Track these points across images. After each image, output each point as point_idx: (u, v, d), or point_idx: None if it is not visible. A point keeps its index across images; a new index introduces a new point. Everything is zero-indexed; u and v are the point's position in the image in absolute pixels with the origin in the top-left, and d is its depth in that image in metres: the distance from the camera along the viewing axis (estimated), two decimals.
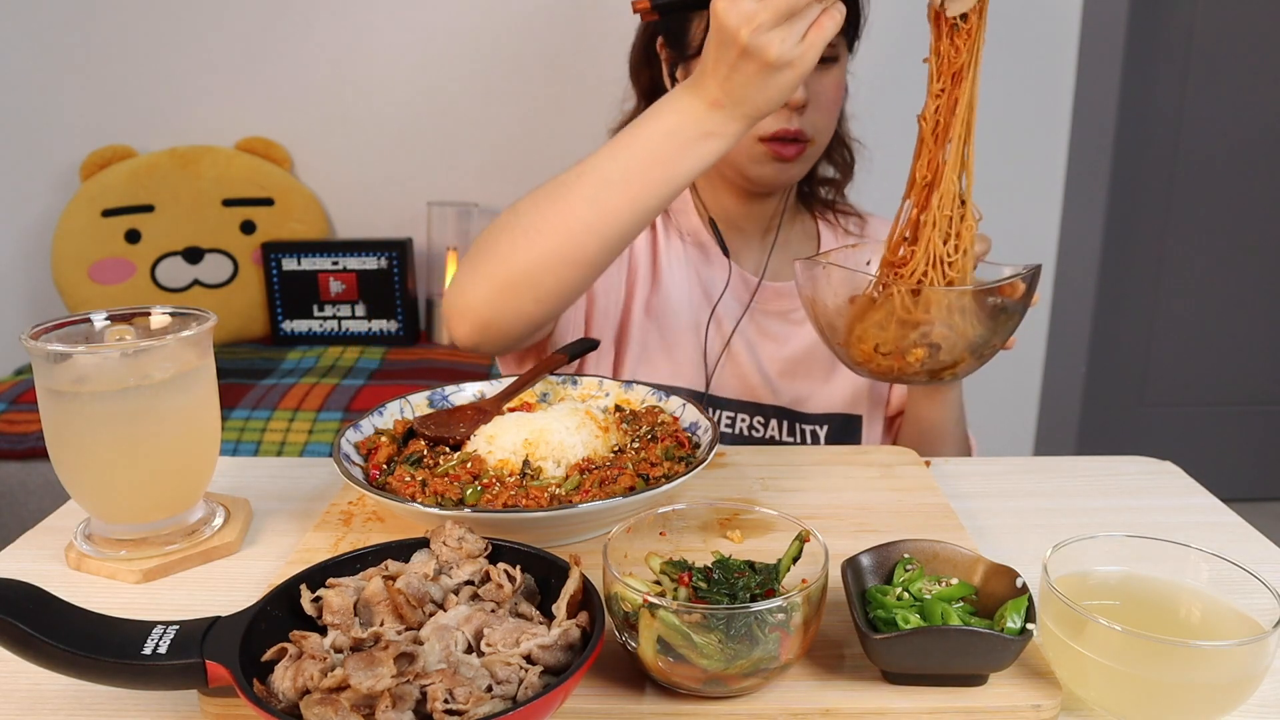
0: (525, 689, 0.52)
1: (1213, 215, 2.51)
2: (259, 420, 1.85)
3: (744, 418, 1.17)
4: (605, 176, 0.83)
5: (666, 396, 0.91)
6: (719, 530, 0.71)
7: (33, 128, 2.30)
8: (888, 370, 0.84)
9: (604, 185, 0.83)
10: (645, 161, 0.82)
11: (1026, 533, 0.82)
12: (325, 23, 2.25)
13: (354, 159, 2.33)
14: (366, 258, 2.26)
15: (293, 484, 0.91)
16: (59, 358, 0.71)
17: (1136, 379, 2.66)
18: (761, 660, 0.55)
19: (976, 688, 0.58)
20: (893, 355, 0.82)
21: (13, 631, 0.52)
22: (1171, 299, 2.58)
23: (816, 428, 1.18)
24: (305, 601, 0.57)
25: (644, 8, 0.81)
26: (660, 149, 0.81)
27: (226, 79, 2.28)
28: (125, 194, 2.22)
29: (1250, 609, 0.58)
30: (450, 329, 0.92)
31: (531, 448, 0.80)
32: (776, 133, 1.06)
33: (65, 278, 2.22)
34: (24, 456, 1.82)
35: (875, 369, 0.84)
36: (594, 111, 2.26)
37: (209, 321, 0.76)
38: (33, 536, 0.81)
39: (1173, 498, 0.90)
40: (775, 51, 0.75)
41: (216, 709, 0.56)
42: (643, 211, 0.84)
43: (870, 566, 0.65)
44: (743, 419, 1.17)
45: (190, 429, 0.75)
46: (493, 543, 0.63)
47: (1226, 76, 2.40)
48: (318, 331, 2.30)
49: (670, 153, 0.81)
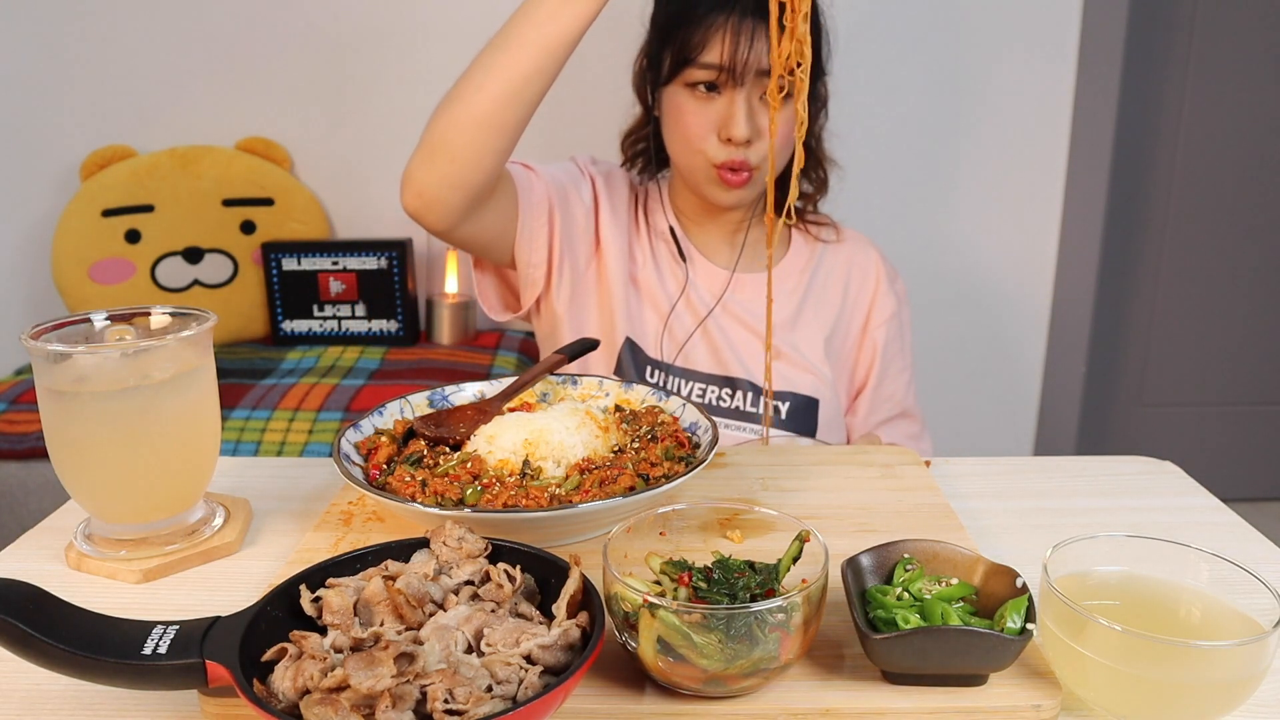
0: (525, 689, 0.52)
1: (1213, 215, 2.51)
2: (259, 420, 1.85)
3: (714, 389, 1.25)
4: (493, 43, 0.98)
5: (667, 396, 0.91)
6: (719, 530, 0.71)
7: (33, 128, 2.30)
8: None
9: (492, 50, 0.97)
10: (521, 25, 0.96)
11: (1026, 533, 0.82)
12: (325, 23, 2.25)
13: (354, 159, 2.33)
14: (366, 258, 2.26)
15: (293, 484, 0.91)
16: (59, 358, 0.71)
17: (1136, 379, 2.66)
18: (761, 660, 0.55)
19: (976, 688, 0.58)
20: None
21: (13, 631, 0.52)
22: (1171, 299, 2.58)
23: (779, 403, 1.25)
24: (305, 601, 0.57)
25: None
26: (533, 13, 0.95)
27: (226, 79, 2.28)
28: (125, 194, 2.22)
29: (1250, 609, 0.58)
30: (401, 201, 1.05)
31: (531, 448, 0.80)
32: (724, 162, 1.16)
33: (65, 278, 2.22)
34: (24, 456, 1.81)
35: None
36: (594, 111, 2.27)
37: (209, 321, 0.76)
38: (33, 536, 0.81)
39: (1173, 498, 0.90)
40: None
41: (216, 709, 0.56)
42: (526, 71, 0.96)
43: (870, 566, 0.65)
44: (713, 390, 1.25)
45: (190, 429, 0.75)
46: (493, 543, 0.63)
47: (1226, 76, 2.40)
48: (318, 331, 2.30)
49: (544, 14, 0.95)
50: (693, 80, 1.14)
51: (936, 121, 2.29)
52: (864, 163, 2.28)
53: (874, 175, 2.30)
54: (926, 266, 2.34)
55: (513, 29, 0.96)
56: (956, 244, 2.38)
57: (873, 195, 2.30)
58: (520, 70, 0.96)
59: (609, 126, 1.33)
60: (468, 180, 1.01)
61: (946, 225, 2.37)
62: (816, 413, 1.26)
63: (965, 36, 2.24)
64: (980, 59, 2.25)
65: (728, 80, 1.12)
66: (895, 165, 2.32)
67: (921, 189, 2.35)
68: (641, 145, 1.30)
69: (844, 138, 1.37)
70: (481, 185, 1.03)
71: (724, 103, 1.14)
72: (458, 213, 1.04)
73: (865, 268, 1.33)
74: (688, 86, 1.15)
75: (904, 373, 1.34)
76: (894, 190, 2.33)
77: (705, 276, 1.28)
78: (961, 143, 2.31)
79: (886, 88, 2.27)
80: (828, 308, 1.30)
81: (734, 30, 1.10)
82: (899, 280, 1.37)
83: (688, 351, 1.25)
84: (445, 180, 1.01)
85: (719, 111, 1.14)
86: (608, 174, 1.30)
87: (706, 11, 1.12)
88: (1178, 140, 2.45)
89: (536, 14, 0.95)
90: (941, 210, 2.35)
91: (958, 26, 2.23)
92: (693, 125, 1.16)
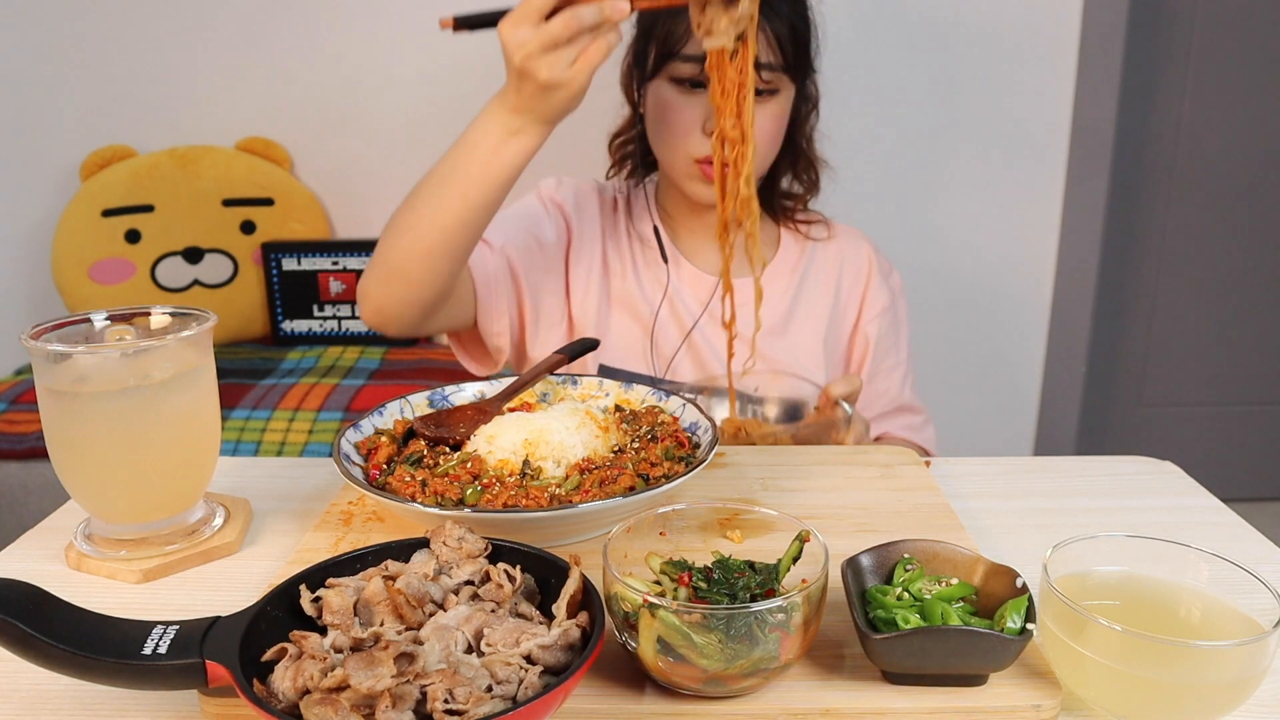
0: (525, 689, 0.52)
1: (1212, 215, 2.51)
2: (259, 420, 1.85)
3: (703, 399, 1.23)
4: (439, 176, 0.97)
5: (667, 396, 0.91)
6: (719, 530, 0.71)
7: (33, 128, 2.30)
8: None
9: (439, 183, 0.97)
10: (466, 159, 0.95)
11: (1026, 533, 0.82)
12: (325, 23, 2.25)
13: (354, 159, 2.33)
14: (366, 258, 2.25)
15: (293, 484, 0.91)
16: (59, 358, 0.71)
17: (1136, 379, 2.66)
18: (761, 660, 0.55)
19: (976, 688, 0.58)
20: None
21: (13, 631, 0.52)
22: (1171, 299, 2.58)
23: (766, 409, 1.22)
24: (305, 601, 0.57)
25: (448, 25, 0.93)
26: (477, 148, 0.95)
27: (226, 79, 2.28)
28: (125, 194, 2.22)
29: (1250, 609, 0.58)
30: (360, 314, 1.08)
31: (531, 448, 0.80)
32: (705, 157, 1.14)
33: (65, 278, 2.22)
34: (24, 456, 1.81)
35: None
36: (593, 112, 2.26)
37: (209, 321, 0.76)
38: (33, 536, 0.81)
39: (1173, 498, 0.90)
40: (545, 75, 0.87)
41: (216, 709, 0.56)
42: (473, 205, 0.96)
43: (870, 566, 0.65)
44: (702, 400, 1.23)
45: (190, 429, 0.75)
46: (493, 543, 0.63)
47: (1226, 77, 2.40)
48: (318, 331, 2.30)
49: (486, 151, 0.94)
50: (677, 75, 1.13)
51: (937, 121, 2.29)
52: (864, 162, 2.28)
53: (874, 175, 2.30)
54: (926, 267, 2.34)
55: (459, 164, 0.96)
56: (957, 244, 2.38)
57: (873, 195, 2.30)
58: (469, 204, 0.97)
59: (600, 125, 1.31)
60: (424, 299, 1.03)
61: (946, 225, 2.37)
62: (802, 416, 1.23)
63: (965, 36, 2.24)
64: (980, 59, 2.25)
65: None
66: (895, 165, 2.32)
67: (921, 189, 2.35)
68: (630, 147, 1.29)
69: (846, 138, 1.37)
70: (437, 300, 1.05)
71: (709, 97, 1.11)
72: (417, 322, 1.07)
73: (857, 263, 1.32)
74: (672, 81, 1.14)
75: (899, 368, 1.32)
76: (894, 190, 2.33)
77: (691, 282, 1.26)
78: (961, 143, 2.31)
79: (886, 87, 2.27)
80: (820, 307, 1.29)
81: None
82: (894, 274, 1.35)
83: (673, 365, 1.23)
84: (402, 301, 1.03)
85: (704, 106, 1.12)
86: (575, 195, 1.28)
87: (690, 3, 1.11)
88: (1178, 140, 2.45)
89: (479, 150, 0.95)
90: (942, 210, 2.35)
91: (958, 26, 2.23)
92: (676, 120, 1.14)
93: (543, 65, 0.87)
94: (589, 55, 0.88)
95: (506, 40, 0.88)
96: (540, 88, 0.89)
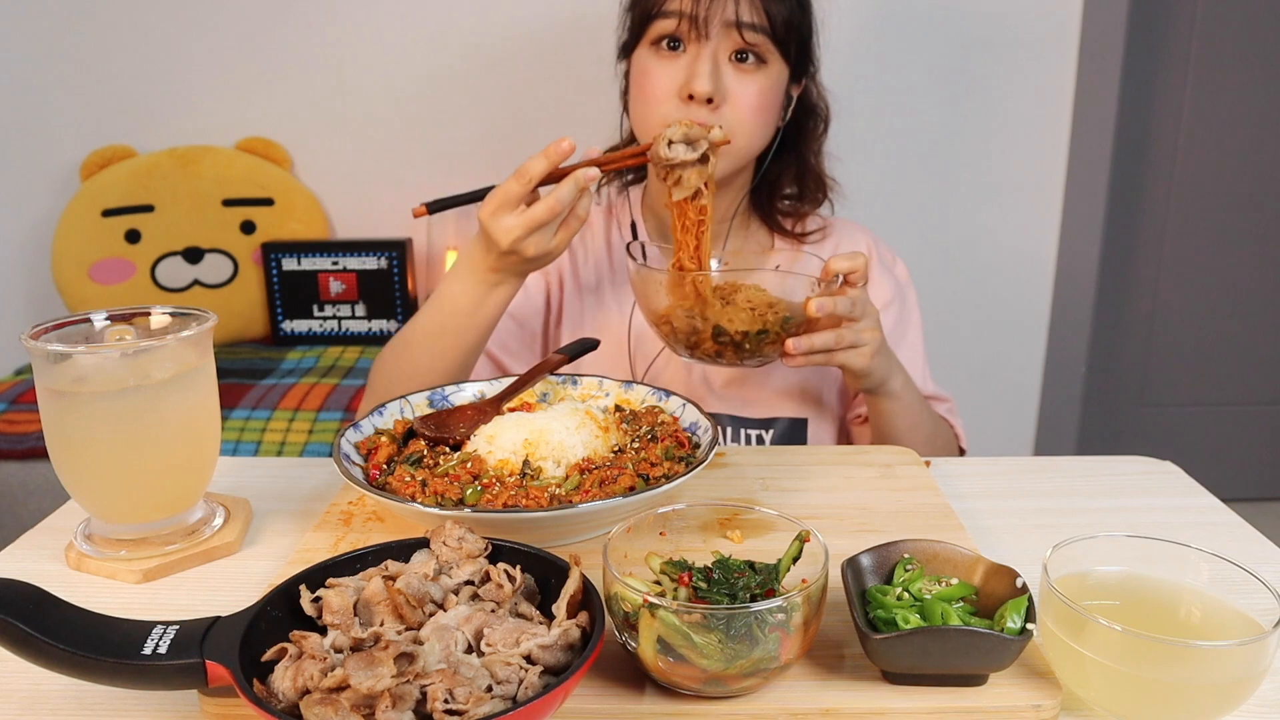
0: (525, 689, 0.52)
1: (1213, 215, 2.51)
2: (259, 420, 1.85)
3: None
4: (428, 330, 1.04)
5: (667, 397, 0.91)
6: (719, 530, 0.71)
7: (33, 128, 2.30)
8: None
9: (430, 337, 1.04)
10: (453, 313, 1.02)
11: (1026, 533, 0.82)
12: (325, 23, 2.25)
13: (354, 159, 2.33)
14: (366, 258, 2.26)
15: (293, 484, 0.91)
16: (59, 358, 0.71)
17: (1136, 379, 2.66)
18: (761, 660, 0.55)
19: (976, 688, 0.58)
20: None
21: (13, 631, 0.52)
22: (1171, 299, 2.58)
23: (762, 432, 1.18)
24: (305, 601, 0.57)
25: (421, 213, 0.98)
26: (460, 303, 1.01)
27: (226, 79, 2.28)
28: (125, 194, 2.22)
29: (1250, 609, 0.58)
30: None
31: (531, 448, 0.80)
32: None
33: (65, 278, 2.22)
34: (24, 456, 1.81)
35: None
36: (593, 113, 2.26)
37: (209, 321, 0.76)
38: (33, 536, 0.81)
39: (1173, 498, 0.90)
40: (533, 252, 0.94)
41: (216, 709, 0.56)
42: (467, 348, 1.03)
43: (870, 566, 0.65)
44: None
45: (190, 429, 0.75)
46: (493, 543, 0.63)
47: (1226, 76, 2.40)
48: (318, 331, 2.30)
49: (470, 305, 1.01)
50: (657, 35, 1.08)
51: (936, 121, 2.29)
52: (863, 162, 2.28)
53: (873, 175, 2.30)
54: (926, 266, 2.33)
55: (446, 320, 1.02)
56: (956, 244, 2.38)
57: (872, 195, 2.30)
58: (463, 349, 1.03)
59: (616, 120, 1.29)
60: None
61: (946, 225, 2.37)
62: (805, 432, 1.19)
63: (965, 36, 2.24)
64: (980, 59, 2.25)
65: (691, 31, 1.06)
66: (895, 165, 2.32)
67: (921, 189, 2.35)
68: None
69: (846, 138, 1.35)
70: None
71: (687, 59, 1.07)
72: None
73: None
74: (653, 46, 1.09)
75: (913, 360, 1.23)
76: (894, 190, 2.33)
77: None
78: (962, 143, 2.31)
79: (886, 88, 2.27)
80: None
81: None
82: (899, 264, 1.28)
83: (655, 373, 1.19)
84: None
85: (683, 68, 1.07)
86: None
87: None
88: (1178, 140, 2.45)
89: (463, 303, 1.01)
90: (941, 210, 2.35)
91: (958, 26, 2.23)
92: (652, 85, 1.09)
93: (530, 245, 0.94)
94: (570, 226, 0.96)
95: (490, 228, 0.94)
96: (525, 260, 0.96)
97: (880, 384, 1.05)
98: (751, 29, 1.07)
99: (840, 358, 0.99)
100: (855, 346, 0.99)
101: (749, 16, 1.07)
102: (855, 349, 0.99)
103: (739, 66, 1.08)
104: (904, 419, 1.10)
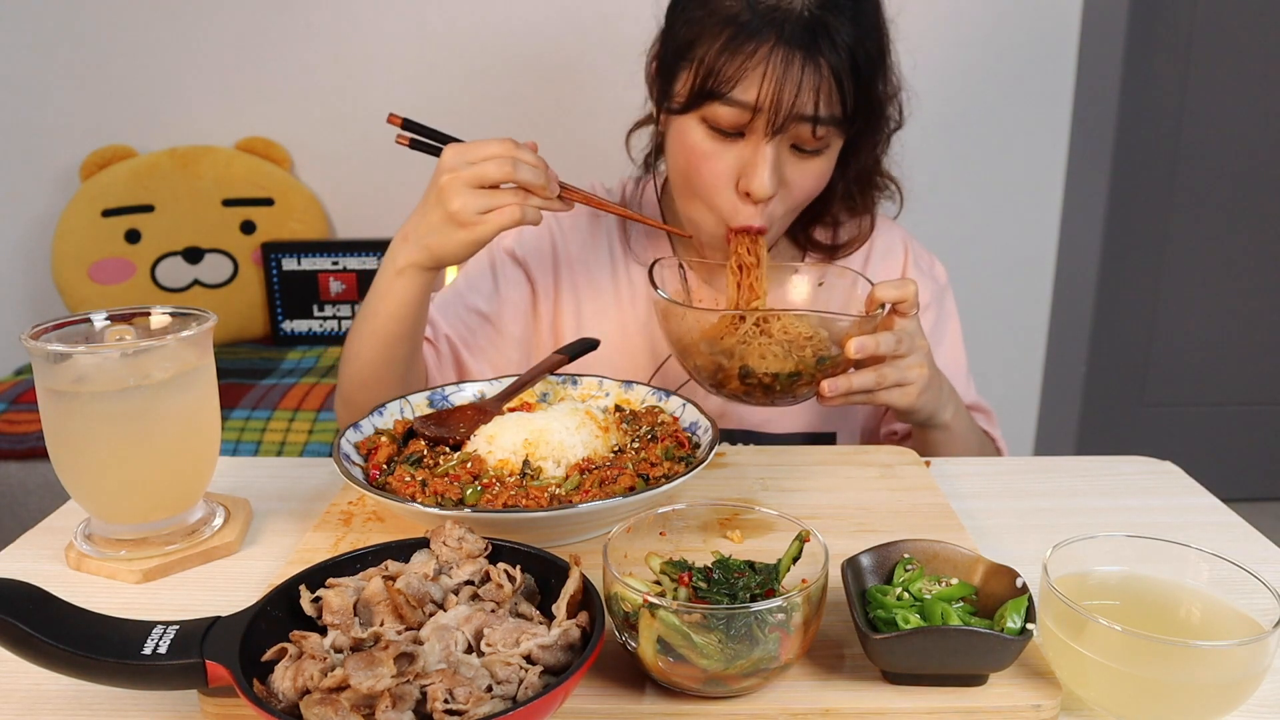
0: (525, 689, 0.52)
1: (1213, 215, 2.51)
2: (259, 420, 1.85)
3: None
4: (360, 312, 1.02)
5: (667, 396, 0.91)
6: (719, 530, 0.71)
7: (33, 128, 2.30)
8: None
9: (361, 319, 1.02)
10: (371, 298, 1.00)
11: (1026, 533, 0.82)
12: (325, 23, 2.25)
13: (354, 159, 2.33)
14: (366, 258, 2.26)
15: (293, 484, 0.91)
16: (59, 358, 0.71)
17: (1136, 379, 2.66)
18: (761, 660, 0.55)
19: (976, 688, 0.58)
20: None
21: (13, 631, 0.52)
22: (1171, 299, 2.58)
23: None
24: (305, 601, 0.57)
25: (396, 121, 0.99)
26: (377, 283, 0.99)
27: (226, 79, 2.28)
28: (125, 194, 2.22)
29: (1250, 609, 0.58)
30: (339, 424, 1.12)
31: (531, 448, 0.80)
32: (740, 227, 1.00)
33: (65, 278, 2.22)
34: (24, 456, 1.81)
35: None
36: (594, 113, 2.26)
37: (209, 321, 0.76)
38: (33, 536, 0.81)
39: (1173, 498, 0.90)
40: (457, 204, 0.89)
41: (216, 709, 0.56)
42: (386, 335, 0.99)
43: (870, 566, 0.65)
44: None
45: (190, 429, 0.75)
46: (493, 543, 0.63)
47: (1227, 75, 2.40)
48: (318, 331, 2.30)
49: (381, 289, 0.98)
50: (714, 118, 0.95)
51: (936, 121, 2.29)
52: None
53: None
54: None
55: (368, 300, 1.01)
56: (956, 244, 2.38)
57: None
58: (380, 337, 1.00)
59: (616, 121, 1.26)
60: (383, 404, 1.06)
61: (946, 225, 2.36)
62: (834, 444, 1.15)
63: (965, 36, 2.24)
64: (980, 59, 2.25)
65: (761, 125, 0.93)
66: (894, 165, 2.31)
67: (921, 189, 2.34)
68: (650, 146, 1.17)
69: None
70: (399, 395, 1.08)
71: (748, 149, 0.95)
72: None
73: (888, 260, 1.18)
74: (704, 123, 0.96)
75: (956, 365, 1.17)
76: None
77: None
78: (961, 142, 2.31)
79: None
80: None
81: (781, 63, 0.90)
82: (937, 265, 1.20)
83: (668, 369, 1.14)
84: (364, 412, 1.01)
85: (740, 158, 0.96)
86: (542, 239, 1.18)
87: (747, 37, 0.90)
88: (1178, 140, 2.45)
89: (378, 287, 0.99)
90: (941, 210, 2.35)
91: (958, 26, 2.23)
92: (706, 172, 0.98)
93: (459, 195, 0.89)
94: (501, 214, 0.89)
95: (444, 159, 0.91)
96: (445, 217, 0.90)
97: (929, 418, 0.98)
98: (822, 123, 0.94)
99: (883, 397, 0.92)
100: (900, 385, 0.91)
101: (826, 109, 0.93)
102: (900, 387, 0.92)
103: (799, 155, 0.98)
104: (951, 448, 1.03)
